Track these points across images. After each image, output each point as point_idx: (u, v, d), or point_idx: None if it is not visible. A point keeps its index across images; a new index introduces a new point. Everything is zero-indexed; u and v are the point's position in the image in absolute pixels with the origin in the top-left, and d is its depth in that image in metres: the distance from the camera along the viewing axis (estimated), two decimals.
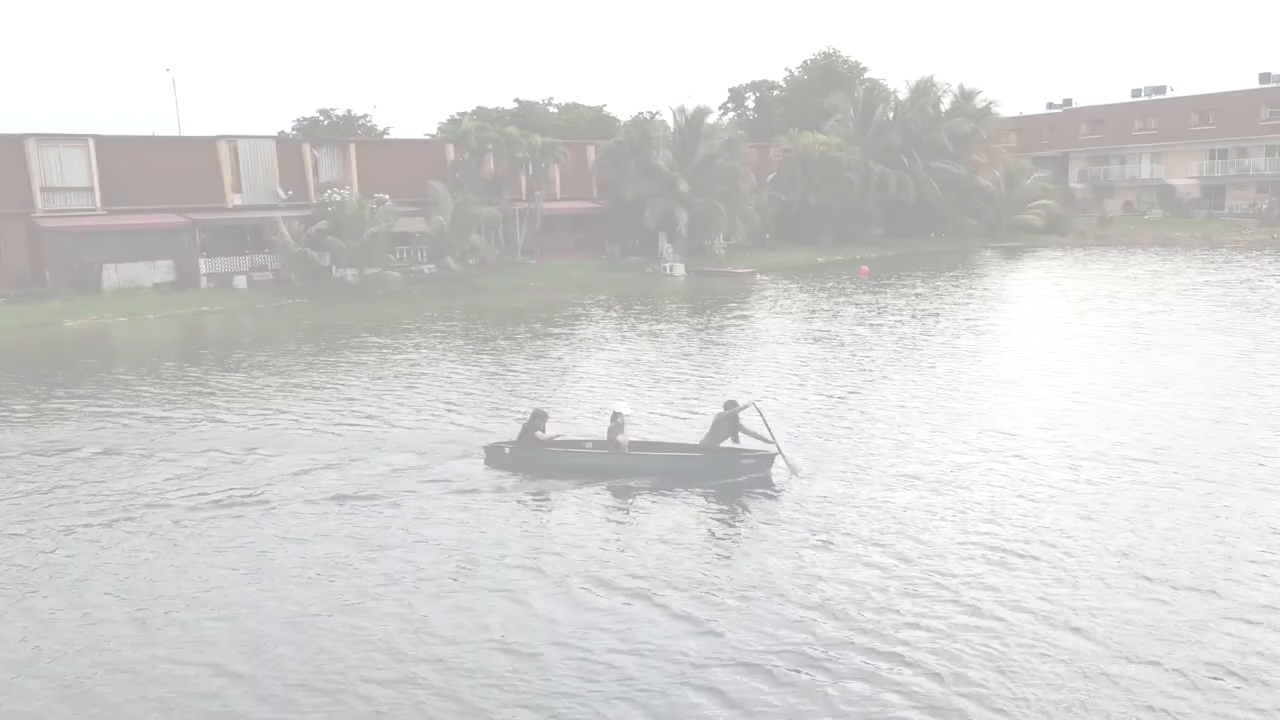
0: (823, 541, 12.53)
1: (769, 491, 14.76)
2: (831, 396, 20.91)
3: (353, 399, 21.71)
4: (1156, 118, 79.18)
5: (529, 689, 9.09)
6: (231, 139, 44.82)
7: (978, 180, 64.95)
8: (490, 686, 9.16)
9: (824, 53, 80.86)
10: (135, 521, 13.72)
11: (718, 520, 13.81)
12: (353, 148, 48.68)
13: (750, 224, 53.66)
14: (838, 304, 37.22)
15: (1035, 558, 11.77)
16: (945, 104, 66.57)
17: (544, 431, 16.16)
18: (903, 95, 65.63)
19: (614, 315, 36.16)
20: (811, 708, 8.70)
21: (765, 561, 12.00)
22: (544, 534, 13.25)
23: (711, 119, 53.49)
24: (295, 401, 21.60)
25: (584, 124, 76.09)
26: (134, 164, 42.12)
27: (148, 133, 48.43)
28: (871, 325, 31.40)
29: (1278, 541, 12.10)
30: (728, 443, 15.58)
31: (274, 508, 14.27)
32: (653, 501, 14.46)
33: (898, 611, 10.44)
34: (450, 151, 49.31)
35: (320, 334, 32.77)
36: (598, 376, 23.92)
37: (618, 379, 23.47)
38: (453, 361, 26.63)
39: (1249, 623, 10.04)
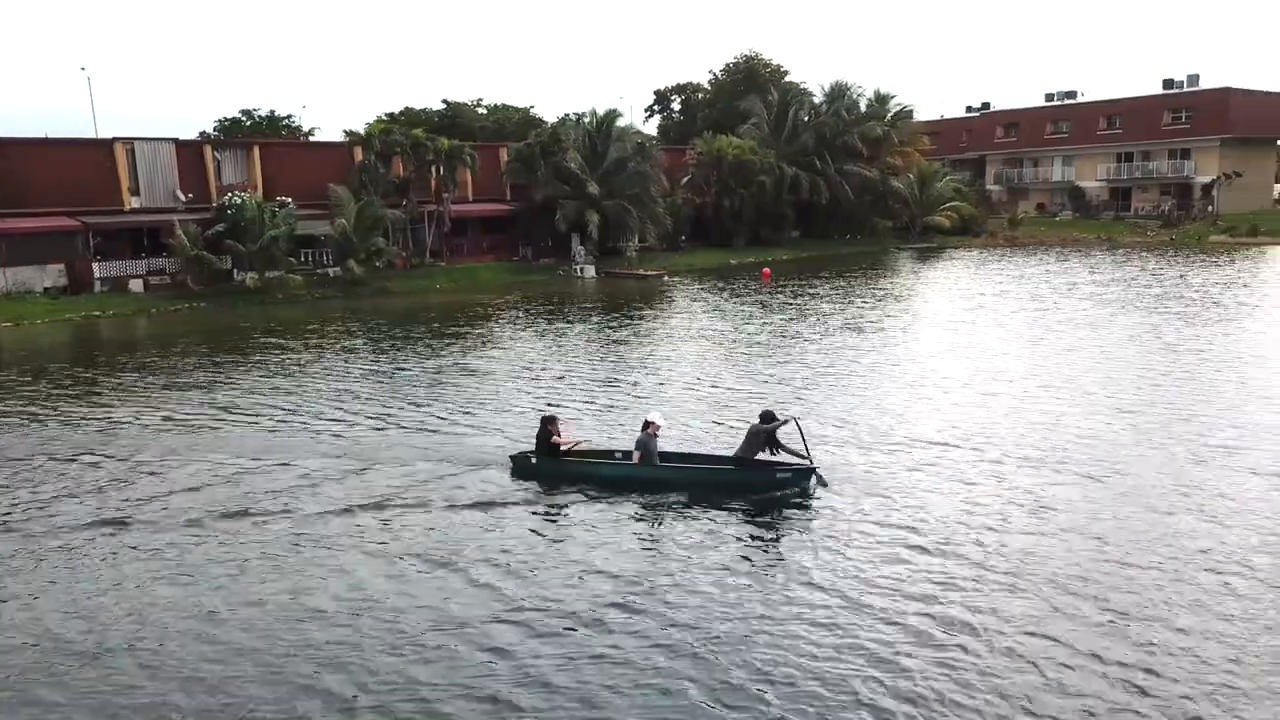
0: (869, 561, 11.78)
1: (806, 508, 13.90)
2: (706, 392, 21.37)
3: (233, 402, 21.68)
4: (1067, 122, 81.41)
5: None
6: (129, 140, 44.19)
7: (891, 183, 66.22)
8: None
9: (745, 55, 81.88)
10: None
11: (752, 542, 12.77)
12: (256, 150, 48.25)
13: (661, 227, 54.22)
14: (735, 305, 37.89)
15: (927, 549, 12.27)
16: (861, 107, 67.82)
17: (559, 436, 15.53)
18: (818, 99, 66.74)
19: (510, 316, 36.39)
20: None
21: (806, 594, 11.03)
22: (566, 554, 12.39)
23: (623, 122, 53.93)
24: (174, 404, 21.50)
25: (511, 125, 76.25)
26: (24, 165, 41.33)
27: (56, 133, 47.51)
28: (761, 324, 32.03)
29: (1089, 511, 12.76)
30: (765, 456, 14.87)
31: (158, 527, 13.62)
32: (682, 517, 13.61)
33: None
34: (359, 154, 49.14)
35: (212, 338, 32.56)
36: (484, 376, 24.26)
37: (503, 378, 23.80)
38: (336, 363, 26.66)
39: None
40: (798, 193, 61.25)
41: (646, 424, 15.10)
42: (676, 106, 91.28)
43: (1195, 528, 12.61)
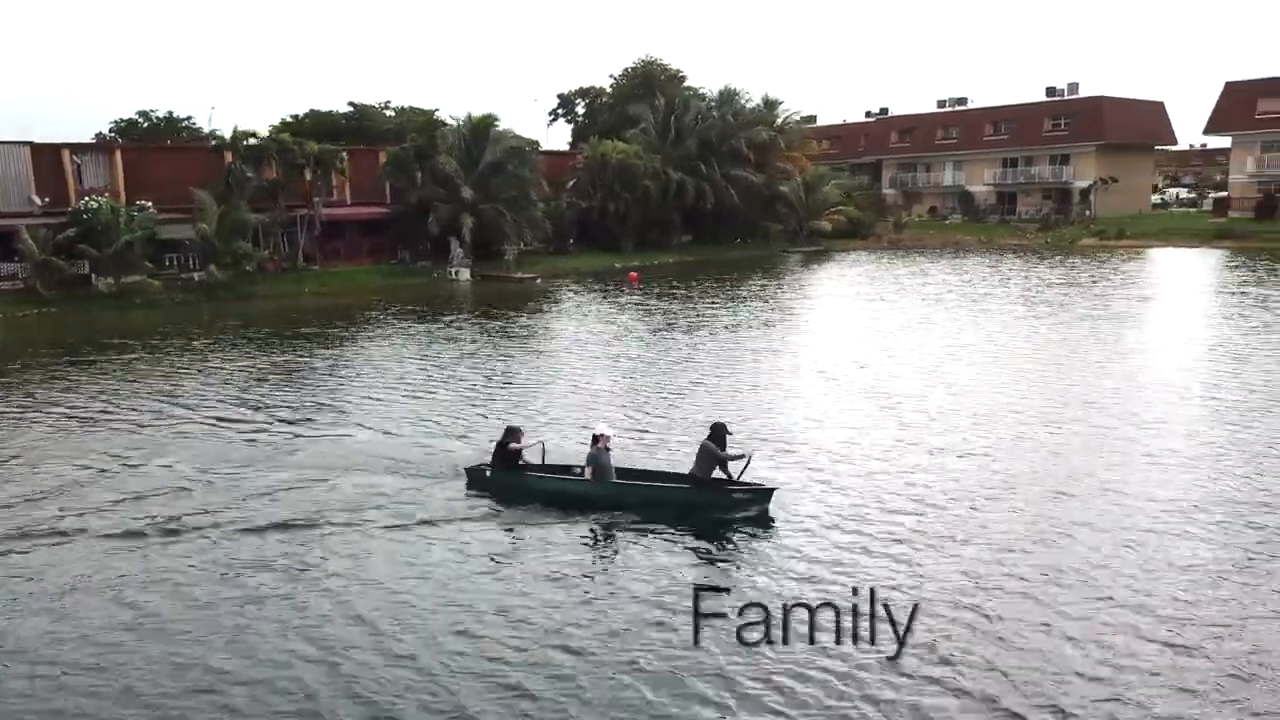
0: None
1: (763, 531, 13.25)
2: (523, 393, 21.81)
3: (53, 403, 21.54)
4: (957, 128, 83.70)
5: None
6: None
7: (777, 187, 67.36)
8: None
9: (644, 60, 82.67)
10: None
11: (703, 565, 12.29)
12: (118, 154, 47.55)
13: (540, 230, 54.57)
14: (598, 307, 38.70)
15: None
16: (749, 112, 68.87)
17: (519, 445, 14.94)
18: (706, 104, 67.61)
19: (371, 320, 36.39)
20: None
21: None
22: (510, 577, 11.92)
23: (503, 126, 54.14)
24: None
25: (416, 127, 75.84)
26: None
27: None
28: (608, 324, 32.65)
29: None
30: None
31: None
32: (630, 541, 12.99)
33: None
34: (229, 158, 48.66)
35: (60, 344, 32.21)
36: (316, 373, 24.57)
37: (342, 379, 24.05)
38: (174, 367, 26.57)
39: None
40: (683, 197, 62.05)
41: (596, 438, 14.30)
42: (580, 110, 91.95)
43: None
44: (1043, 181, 78.20)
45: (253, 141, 47.24)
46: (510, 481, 14.70)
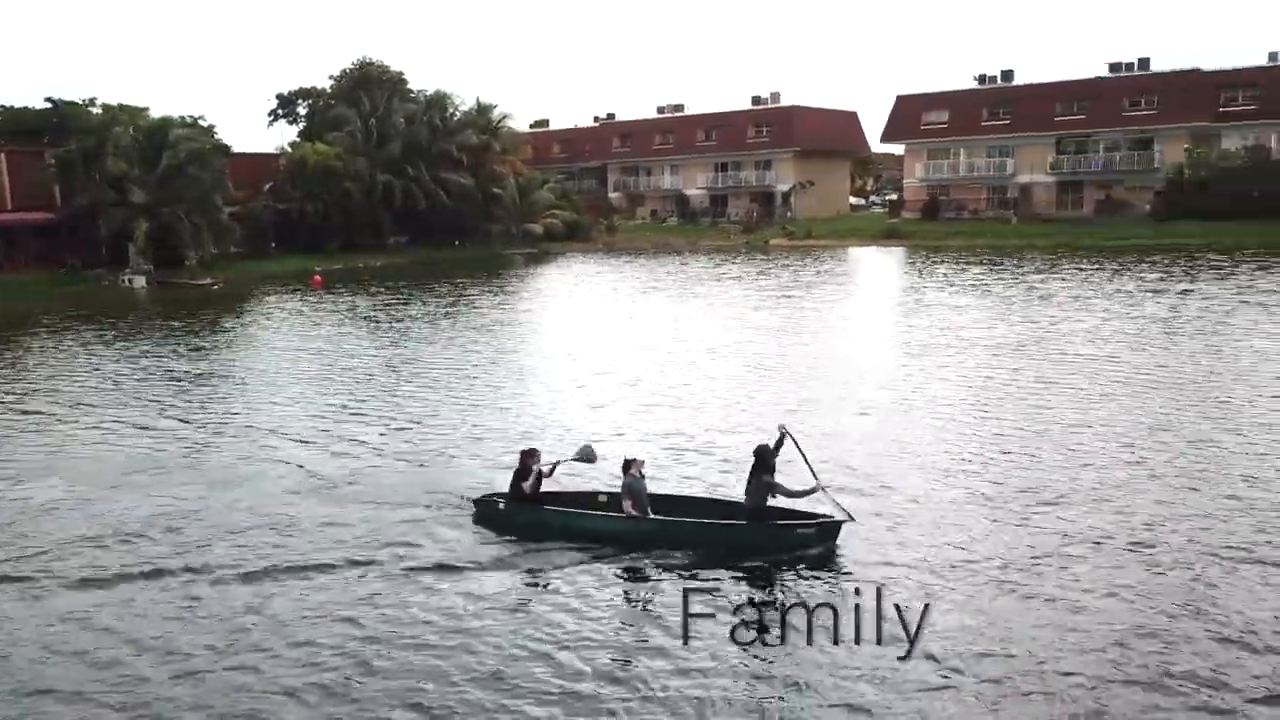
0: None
1: (834, 570, 11.32)
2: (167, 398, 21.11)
3: None
4: (672, 133, 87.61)
5: None
6: None
7: (491, 190, 68.25)
8: None
9: (361, 61, 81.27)
10: None
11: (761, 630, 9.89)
12: None
13: (228, 234, 52.80)
14: (272, 309, 38.09)
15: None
16: (462, 116, 69.45)
17: (536, 470, 12.74)
18: (415, 107, 67.56)
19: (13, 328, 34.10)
20: None
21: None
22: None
23: (181, 130, 51.81)
24: None
25: (86, 128, 70.84)
26: None
27: None
28: (277, 330, 32.28)
29: None
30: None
31: None
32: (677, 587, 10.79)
33: None
34: None
35: None
36: None
37: None
38: None
39: None
40: (391, 199, 61.76)
41: (628, 463, 12.33)
42: (302, 111, 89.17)
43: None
44: (750, 185, 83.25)
45: None
46: (529, 517, 12.60)
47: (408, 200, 62.33)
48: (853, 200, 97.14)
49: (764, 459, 11.83)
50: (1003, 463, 15.03)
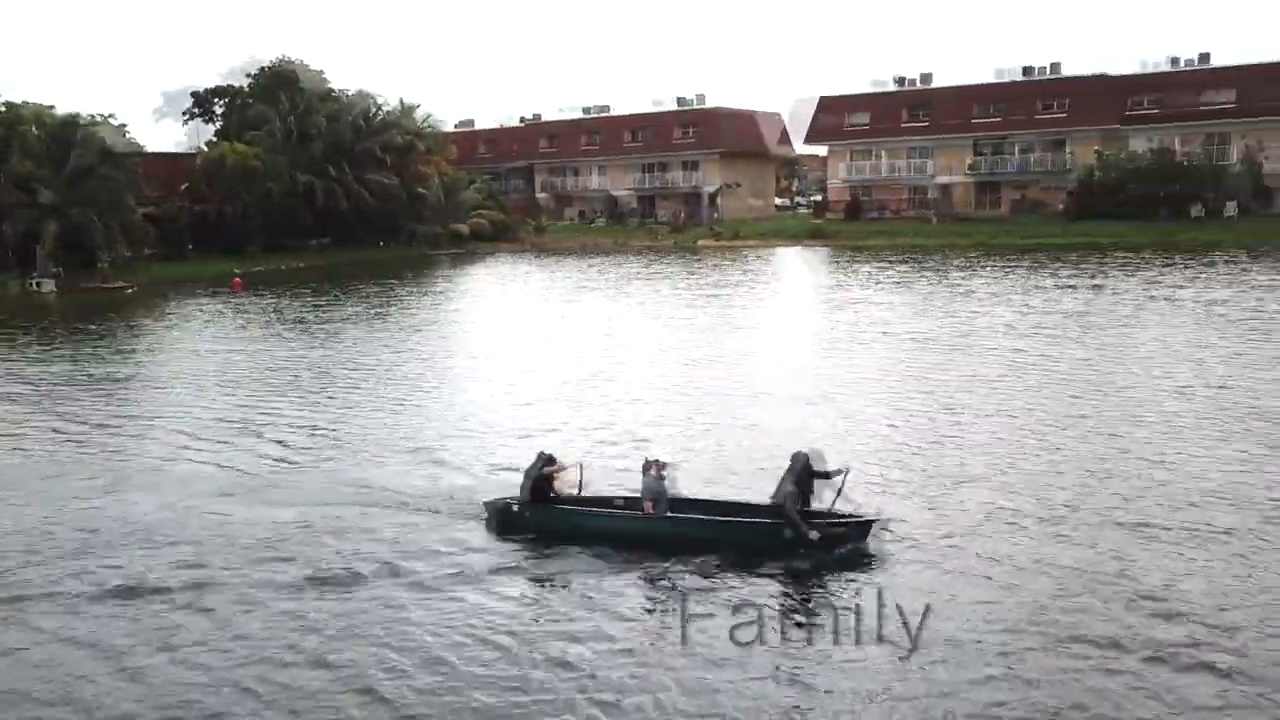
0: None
1: (865, 570, 11.01)
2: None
3: None
4: (599, 134, 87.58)
5: None
6: None
7: (416, 190, 67.47)
8: None
9: (280, 60, 79.63)
10: None
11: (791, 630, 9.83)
12: None
13: (142, 236, 51.26)
14: (184, 311, 37.15)
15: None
16: (385, 115, 68.58)
17: (554, 471, 12.58)
18: (336, 107, 66.50)
19: None
20: None
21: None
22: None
23: (90, 128, 50.17)
24: None
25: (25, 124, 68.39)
26: None
27: None
28: (182, 329, 31.45)
29: None
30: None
31: None
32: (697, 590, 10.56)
33: None
34: None
35: None
36: None
37: None
38: None
39: None
40: (313, 199, 60.67)
41: (648, 464, 12.04)
42: (219, 110, 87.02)
43: None
44: (677, 186, 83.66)
45: None
46: (549, 519, 12.39)
47: (330, 201, 61.27)
48: (778, 201, 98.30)
49: (804, 471, 11.52)
50: (928, 450, 15.43)
